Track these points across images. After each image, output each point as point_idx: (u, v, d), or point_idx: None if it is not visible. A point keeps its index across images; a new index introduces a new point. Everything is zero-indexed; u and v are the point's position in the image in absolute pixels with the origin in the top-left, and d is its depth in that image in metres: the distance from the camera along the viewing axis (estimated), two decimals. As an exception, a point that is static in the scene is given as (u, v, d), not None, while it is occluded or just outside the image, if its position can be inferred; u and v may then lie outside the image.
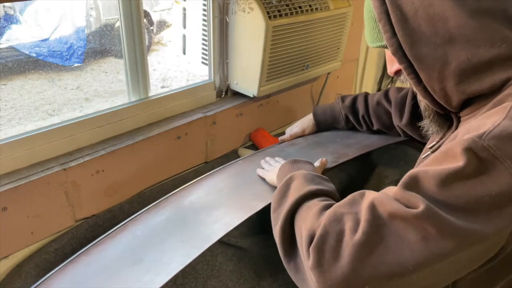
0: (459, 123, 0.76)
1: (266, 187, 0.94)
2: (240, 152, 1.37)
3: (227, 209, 0.87)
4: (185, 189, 0.97)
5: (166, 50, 4.61)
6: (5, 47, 3.49)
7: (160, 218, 0.87)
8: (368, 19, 0.78)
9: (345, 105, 1.19)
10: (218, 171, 1.04)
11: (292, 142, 1.19)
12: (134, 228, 0.85)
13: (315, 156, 1.05)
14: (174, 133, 1.18)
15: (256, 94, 1.29)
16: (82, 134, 1.05)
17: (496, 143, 0.57)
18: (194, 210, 0.88)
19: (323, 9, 1.33)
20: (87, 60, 3.85)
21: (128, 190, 1.12)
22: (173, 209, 0.90)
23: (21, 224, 0.92)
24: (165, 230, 0.83)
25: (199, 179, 1.00)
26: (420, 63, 0.69)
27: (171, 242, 0.79)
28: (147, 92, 1.18)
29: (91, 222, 1.04)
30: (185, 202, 0.91)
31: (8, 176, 0.92)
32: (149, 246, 0.79)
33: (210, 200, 0.92)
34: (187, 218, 0.85)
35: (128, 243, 0.81)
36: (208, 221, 0.83)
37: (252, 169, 1.02)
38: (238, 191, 0.95)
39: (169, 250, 0.76)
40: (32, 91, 3.37)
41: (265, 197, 0.89)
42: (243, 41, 1.24)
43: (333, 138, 1.19)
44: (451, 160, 0.58)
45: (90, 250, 0.81)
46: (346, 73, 1.82)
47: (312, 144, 1.16)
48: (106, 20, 3.87)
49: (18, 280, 0.89)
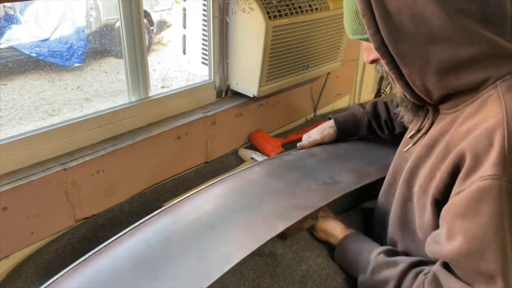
0: (436, 114, 0.80)
1: (285, 205, 0.89)
2: (240, 152, 1.37)
3: (245, 227, 0.83)
4: (198, 195, 0.92)
5: (166, 50, 4.61)
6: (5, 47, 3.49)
7: (174, 227, 0.83)
8: (348, 10, 0.79)
9: (366, 111, 1.18)
10: (233, 177, 0.99)
11: (311, 152, 1.14)
12: (148, 235, 0.81)
13: (335, 172, 1.03)
14: (174, 133, 1.18)
15: (256, 94, 1.29)
16: (82, 134, 1.05)
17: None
18: (210, 224, 0.83)
19: (323, 9, 1.33)
20: (87, 60, 3.85)
21: (128, 190, 1.12)
22: (187, 218, 0.85)
23: (21, 224, 0.92)
24: (181, 243, 0.79)
25: (212, 184, 0.96)
26: (402, 60, 0.71)
27: (187, 259, 0.75)
28: (147, 92, 1.18)
29: (91, 222, 1.03)
30: (200, 211, 0.87)
31: (8, 176, 0.92)
32: (165, 260, 0.75)
33: (226, 212, 0.87)
34: (203, 232, 0.81)
35: (141, 251, 0.77)
36: (226, 239, 0.80)
37: (269, 179, 0.99)
38: (255, 206, 0.89)
39: (187, 269, 0.73)
40: (32, 91, 3.37)
41: (284, 217, 0.85)
42: (243, 41, 1.24)
43: (353, 152, 1.16)
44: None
45: (100, 253, 0.78)
46: (346, 73, 1.82)
47: (332, 157, 1.12)
48: (106, 20, 3.87)
49: (18, 280, 0.89)
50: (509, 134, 0.62)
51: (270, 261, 0.90)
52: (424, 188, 0.76)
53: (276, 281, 0.86)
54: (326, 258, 0.92)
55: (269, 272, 0.88)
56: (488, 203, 0.61)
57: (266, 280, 0.86)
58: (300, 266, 0.89)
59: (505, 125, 0.63)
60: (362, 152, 1.17)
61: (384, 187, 0.96)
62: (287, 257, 0.90)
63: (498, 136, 0.62)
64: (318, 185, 0.98)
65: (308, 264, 0.90)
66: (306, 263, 0.90)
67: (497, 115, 0.64)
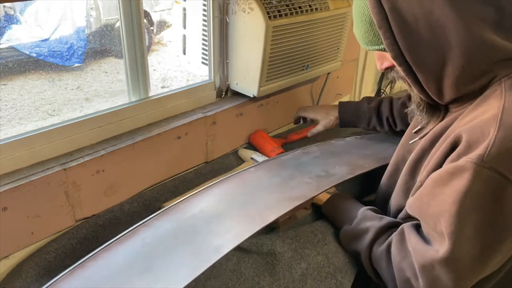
0: (446, 112, 0.83)
1: (278, 197, 0.92)
2: (240, 152, 1.37)
3: (239, 220, 0.86)
4: (196, 196, 0.94)
5: (166, 50, 4.61)
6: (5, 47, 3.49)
7: (170, 224, 0.85)
8: (361, 22, 0.79)
9: (370, 107, 1.22)
10: (231, 178, 1.02)
11: (306, 151, 1.17)
12: (144, 234, 0.83)
13: (330, 166, 1.05)
14: (174, 133, 1.18)
15: (256, 94, 1.29)
16: (82, 134, 1.05)
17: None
18: (205, 219, 0.86)
19: (323, 9, 1.33)
20: (87, 60, 3.85)
21: (128, 190, 1.12)
22: (184, 216, 0.88)
23: (21, 224, 0.92)
24: (176, 238, 0.81)
25: (210, 185, 0.98)
26: (419, 67, 0.73)
27: (181, 252, 0.77)
28: (147, 92, 1.19)
29: (91, 222, 1.04)
30: (195, 210, 0.89)
31: (8, 176, 0.92)
32: (159, 254, 0.77)
33: (221, 209, 0.90)
34: (197, 226, 0.84)
35: (138, 250, 0.79)
36: (220, 231, 0.82)
37: (265, 177, 1.00)
38: (250, 201, 0.92)
39: (179, 261, 0.75)
40: (32, 91, 3.37)
41: (277, 207, 0.87)
42: (243, 41, 1.24)
43: (348, 148, 1.19)
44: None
45: (99, 254, 0.79)
46: (346, 73, 1.82)
47: (327, 154, 1.15)
48: (106, 20, 3.87)
49: (18, 280, 0.89)
50: (499, 127, 0.65)
51: (270, 259, 0.90)
52: (425, 177, 0.80)
53: (276, 279, 0.86)
54: (325, 256, 0.92)
55: (268, 271, 0.88)
56: (458, 179, 0.66)
57: (265, 278, 0.86)
58: (300, 264, 0.89)
59: (499, 118, 0.66)
60: (358, 149, 1.19)
61: (386, 175, 0.99)
62: (287, 255, 0.91)
63: (491, 128, 0.66)
64: (311, 178, 1.00)
65: (308, 262, 0.90)
66: (306, 261, 0.90)
67: (495, 109, 0.68)
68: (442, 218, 0.69)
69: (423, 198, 0.75)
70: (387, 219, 0.87)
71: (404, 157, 0.93)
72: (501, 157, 0.63)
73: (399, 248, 0.78)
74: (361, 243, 0.87)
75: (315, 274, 0.88)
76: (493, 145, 0.64)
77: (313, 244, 0.94)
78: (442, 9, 0.67)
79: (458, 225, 0.67)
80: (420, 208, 0.76)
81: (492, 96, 0.70)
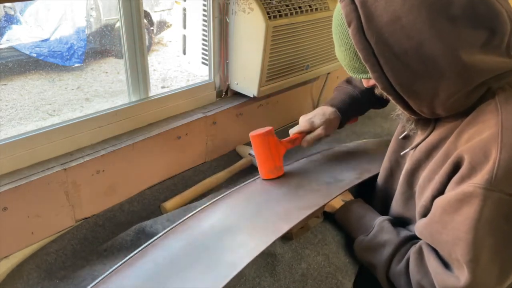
0: (438, 122, 0.81)
1: (289, 206, 0.90)
2: (238, 148, 1.37)
3: (251, 233, 0.84)
4: (203, 211, 0.92)
5: (166, 50, 4.62)
6: (5, 47, 3.50)
7: (181, 243, 0.83)
8: (345, 51, 0.77)
9: (354, 84, 1.13)
10: (237, 191, 1.00)
11: (311, 159, 1.14)
12: (155, 254, 0.81)
13: (336, 172, 1.04)
14: (174, 133, 1.19)
15: (256, 94, 1.29)
16: (83, 134, 1.05)
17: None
18: (216, 235, 0.84)
19: (323, 9, 1.33)
20: (87, 60, 3.85)
21: (128, 190, 1.12)
22: (193, 233, 0.86)
23: (21, 224, 0.93)
24: (188, 256, 0.79)
25: (217, 199, 0.96)
26: (411, 96, 0.72)
27: (195, 271, 0.75)
28: (147, 92, 1.19)
29: (91, 222, 1.04)
30: (205, 225, 0.88)
31: (8, 176, 0.92)
32: (173, 275, 0.75)
33: (232, 223, 0.87)
34: (209, 243, 0.82)
35: (149, 270, 0.78)
36: (232, 246, 0.80)
37: (271, 188, 0.99)
38: (260, 212, 0.90)
39: (195, 279, 0.73)
40: (32, 91, 3.38)
41: (289, 217, 0.85)
42: (243, 41, 1.25)
43: (353, 154, 1.18)
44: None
45: (108, 279, 0.77)
46: (346, 73, 1.80)
47: (332, 160, 1.14)
48: (106, 20, 3.88)
49: (18, 281, 0.89)
50: (502, 148, 0.64)
51: (270, 260, 0.90)
52: (422, 188, 0.80)
53: (276, 280, 0.86)
54: (326, 256, 0.92)
55: (269, 271, 0.88)
56: (469, 206, 0.66)
57: (266, 279, 0.86)
58: (300, 265, 0.89)
59: (499, 139, 0.65)
60: (362, 153, 1.18)
61: (380, 180, 0.98)
62: (287, 256, 0.91)
63: (493, 149, 0.65)
64: (320, 185, 0.99)
65: (308, 262, 0.90)
66: (306, 261, 0.90)
67: (493, 127, 0.67)
68: (457, 246, 0.68)
69: (433, 225, 0.74)
70: (404, 233, 0.85)
71: (399, 163, 0.92)
72: (509, 178, 0.64)
73: (418, 266, 0.77)
74: (378, 257, 0.85)
75: (315, 274, 0.88)
76: (499, 168, 0.64)
77: (313, 244, 0.94)
78: (430, 40, 0.65)
79: (475, 252, 0.66)
80: (431, 236, 0.75)
81: (488, 110, 0.70)
